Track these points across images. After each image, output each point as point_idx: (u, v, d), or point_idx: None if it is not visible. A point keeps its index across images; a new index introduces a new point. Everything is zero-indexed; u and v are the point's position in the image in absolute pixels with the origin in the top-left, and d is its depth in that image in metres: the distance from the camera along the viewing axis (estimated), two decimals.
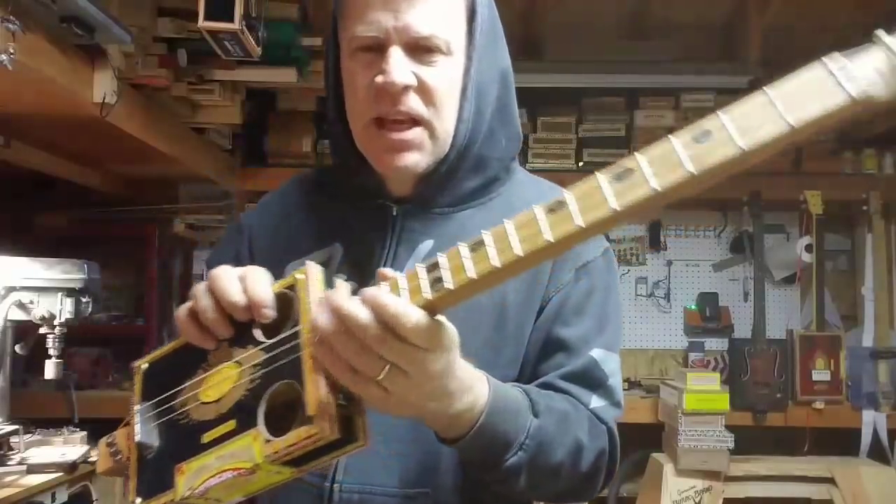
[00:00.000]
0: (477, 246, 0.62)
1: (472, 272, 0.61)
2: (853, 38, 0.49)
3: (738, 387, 2.91)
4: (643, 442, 2.92)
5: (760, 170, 3.26)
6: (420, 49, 0.86)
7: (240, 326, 0.74)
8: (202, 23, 1.84)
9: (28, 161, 2.50)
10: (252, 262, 0.95)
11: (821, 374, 2.95)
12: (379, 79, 0.85)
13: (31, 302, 2.06)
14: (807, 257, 3.07)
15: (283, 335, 0.71)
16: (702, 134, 0.56)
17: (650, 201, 0.56)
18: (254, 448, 0.67)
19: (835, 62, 0.53)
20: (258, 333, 0.73)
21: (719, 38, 3.28)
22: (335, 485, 0.87)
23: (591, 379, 0.90)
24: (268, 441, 0.67)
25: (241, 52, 2.02)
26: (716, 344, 3.33)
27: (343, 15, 0.91)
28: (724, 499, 2.70)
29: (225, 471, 0.69)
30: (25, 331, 2.13)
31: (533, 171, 1.12)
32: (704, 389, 2.70)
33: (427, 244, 0.92)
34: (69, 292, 2.09)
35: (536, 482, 0.83)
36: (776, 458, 2.86)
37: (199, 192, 3.30)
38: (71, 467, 1.96)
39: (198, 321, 0.75)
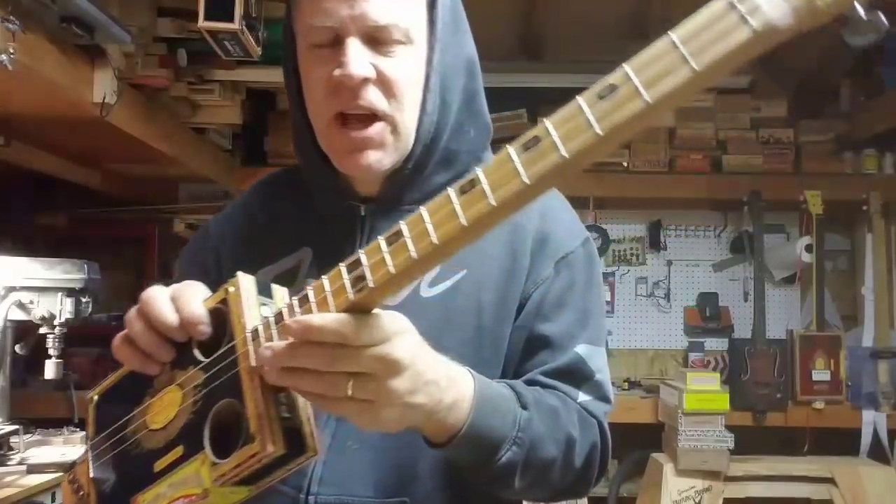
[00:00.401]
0: (394, 238, 0.58)
1: (391, 267, 0.57)
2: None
3: (738, 387, 2.91)
4: (643, 442, 2.92)
5: (760, 170, 3.25)
6: (378, 39, 0.82)
7: (180, 347, 0.72)
8: (202, 23, 1.84)
9: (28, 161, 2.50)
10: (218, 270, 0.95)
11: (821, 374, 2.95)
12: (336, 72, 0.81)
13: (31, 302, 2.06)
14: (807, 257, 3.07)
15: (219, 352, 0.69)
16: (607, 89, 0.52)
17: (561, 168, 0.52)
18: (202, 473, 0.66)
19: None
20: (197, 353, 0.71)
21: None
22: (310, 496, 0.83)
23: (578, 375, 0.87)
24: (214, 464, 0.65)
25: (241, 52, 2.02)
26: (716, 344, 3.33)
27: (297, 5, 0.87)
28: (724, 499, 2.70)
29: (177, 498, 0.68)
30: (25, 331, 2.13)
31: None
32: (704, 389, 2.70)
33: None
34: (69, 292, 2.09)
35: (531, 480, 0.80)
36: (776, 458, 2.86)
37: (199, 192, 3.30)
38: (71, 467, 1.96)
39: (136, 347, 0.73)
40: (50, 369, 2.07)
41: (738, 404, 2.86)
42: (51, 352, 2.07)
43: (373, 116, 0.83)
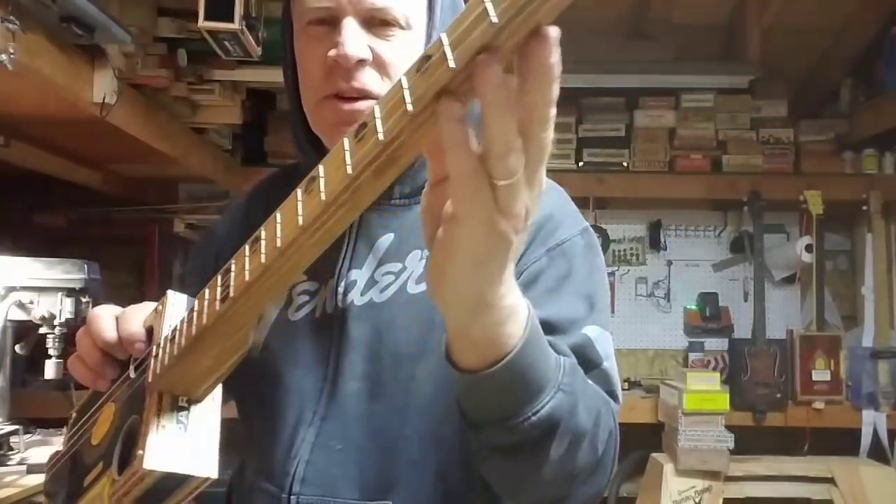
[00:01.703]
0: (254, 243, 0.56)
1: (247, 275, 0.55)
2: (853, 37, 0.48)
3: (738, 387, 2.91)
4: (643, 442, 2.92)
5: (760, 170, 3.26)
6: (376, 22, 0.80)
7: (124, 365, 0.74)
8: (202, 23, 1.84)
9: (28, 161, 2.50)
10: (216, 268, 0.94)
11: (821, 374, 2.95)
12: (332, 53, 0.79)
13: (31, 302, 2.06)
14: (807, 257, 3.07)
15: (138, 368, 0.70)
16: (424, 60, 0.46)
17: (380, 150, 0.46)
18: (105, 490, 0.64)
19: None
20: (131, 370, 0.72)
21: (719, 38, 3.28)
22: (293, 496, 0.81)
23: (584, 358, 0.76)
24: (114, 481, 0.63)
25: (241, 52, 2.02)
26: (716, 344, 3.33)
27: None
28: (724, 499, 2.70)
29: None
30: (25, 331, 2.13)
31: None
32: (704, 389, 2.70)
33: (387, 238, 0.87)
34: (69, 292, 2.09)
35: (563, 452, 0.65)
36: (776, 458, 2.86)
37: (199, 192, 3.31)
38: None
39: (85, 364, 0.75)
40: (50, 369, 2.07)
41: (738, 404, 2.86)
42: (51, 352, 2.07)
43: (365, 96, 0.81)
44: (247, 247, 0.57)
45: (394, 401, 0.82)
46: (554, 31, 0.45)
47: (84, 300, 2.12)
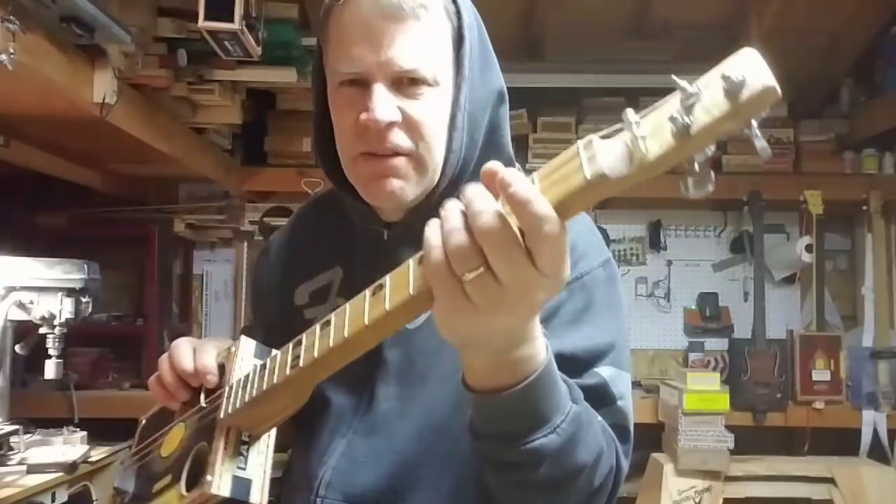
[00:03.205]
0: (324, 324, 0.69)
1: (316, 352, 0.69)
2: (852, 38, 0.48)
3: (738, 387, 2.91)
4: (643, 442, 2.90)
5: (760, 170, 3.25)
6: (405, 83, 0.83)
7: (196, 391, 0.87)
8: (202, 23, 1.84)
9: (28, 161, 2.50)
10: (268, 285, 1.07)
11: (821, 374, 2.95)
12: (363, 116, 0.83)
13: (31, 302, 2.06)
14: (807, 257, 3.07)
15: (209, 399, 0.84)
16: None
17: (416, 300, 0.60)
18: (172, 501, 0.78)
19: (587, 143, 0.53)
20: (202, 398, 0.86)
21: (719, 38, 3.28)
22: (318, 498, 0.89)
23: (598, 396, 0.82)
24: (181, 496, 0.77)
25: (241, 52, 2.02)
26: (716, 344, 3.33)
27: (328, 45, 0.88)
28: (724, 499, 2.70)
29: None
30: (25, 331, 2.13)
31: (533, 171, 1.09)
32: (704, 389, 2.70)
33: (495, 162, 0.88)
34: (69, 292, 2.09)
35: (553, 482, 0.72)
36: (776, 458, 2.86)
37: (199, 192, 3.31)
38: (71, 467, 1.96)
39: (163, 385, 0.89)
40: (50, 369, 2.07)
41: (738, 404, 2.86)
42: (51, 352, 2.07)
43: (397, 154, 0.85)
44: (318, 327, 0.70)
45: (416, 421, 0.88)
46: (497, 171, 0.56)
47: (84, 300, 2.12)
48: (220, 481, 0.73)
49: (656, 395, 2.94)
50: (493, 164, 0.57)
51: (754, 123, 0.51)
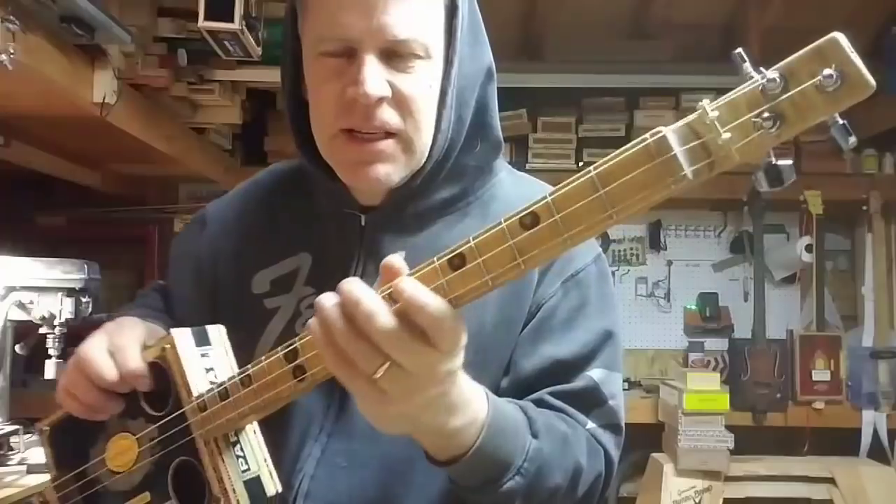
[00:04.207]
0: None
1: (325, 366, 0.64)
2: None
3: (738, 387, 2.91)
4: (643, 442, 2.92)
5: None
6: (396, 54, 0.77)
7: (126, 395, 0.77)
8: (202, 23, 1.84)
9: (28, 161, 2.50)
10: (213, 262, 0.94)
11: (821, 374, 2.95)
12: (351, 90, 0.76)
13: (31, 302, 2.06)
14: (807, 257, 3.07)
15: (170, 416, 0.74)
16: (528, 216, 0.54)
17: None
18: None
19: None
20: (145, 405, 0.76)
21: (719, 38, 3.28)
22: None
23: (589, 400, 0.83)
24: None
25: (241, 52, 2.02)
26: (716, 344, 3.33)
27: (306, 9, 0.80)
28: (724, 499, 2.70)
29: None
30: (25, 331, 2.13)
31: (533, 171, 1.09)
32: (704, 389, 2.70)
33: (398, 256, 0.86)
34: (69, 292, 2.09)
35: None
36: (776, 458, 2.86)
37: (199, 192, 3.30)
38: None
39: (80, 400, 0.76)
40: (50, 369, 2.07)
41: (738, 404, 2.86)
42: (51, 352, 2.07)
43: (385, 134, 0.79)
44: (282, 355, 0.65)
45: None
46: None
47: (84, 300, 2.12)
48: (233, 496, 0.70)
49: (656, 395, 2.94)
50: (394, 260, 0.58)
51: (838, 116, 0.47)
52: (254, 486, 0.71)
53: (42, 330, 2.07)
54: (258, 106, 2.99)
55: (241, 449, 0.72)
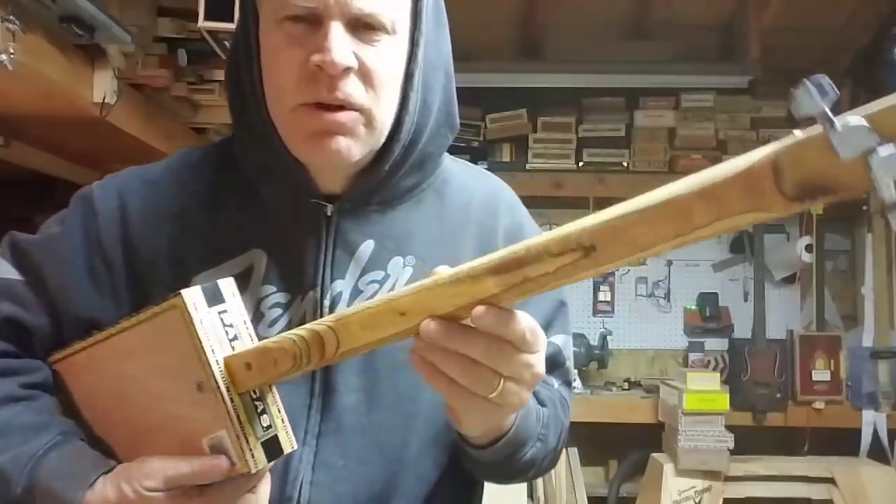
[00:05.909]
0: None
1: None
2: (853, 38, 0.47)
3: (738, 387, 2.91)
4: (643, 442, 2.92)
5: None
6: (362, 26, 0.74)
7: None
8: (202, 23, 1.84)
9: (28, 161, 2.50)
10: (125, 261, 0.82)
11: (821, 374, 2.95)
12: (316, 57, 0.72)
13: None
14: (807, 257, 3.07)
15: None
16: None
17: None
18: None
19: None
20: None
21: (719, 38, 3.28)
22: None
23: (553, 363, 0.90)
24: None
25: None
26: (716, 344, 3.33)
27: None
28: (724, 499, 2.70)
29: None
30: None
31: (533, 171, 1.10)
32: (704, 389, 2.70)
33: (367, 245, 0.83)
34: None
35: (539, 469, 0.85)
36: (776, 458, 2.86)
37: None
38: None
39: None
40: None
41: (738, 404, 2.86)
42: None
43: (348, 106, 0.75)
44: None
45: (397, 411, 0.81)
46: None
47: None
48: (251, 459, 0.67)
49: (656, 395, 2.94)
50: (488, 312, 0.59)
51: None
52: (272, 443, 0.70)
53: None
54: None
55: (262, 409, 0.70)
